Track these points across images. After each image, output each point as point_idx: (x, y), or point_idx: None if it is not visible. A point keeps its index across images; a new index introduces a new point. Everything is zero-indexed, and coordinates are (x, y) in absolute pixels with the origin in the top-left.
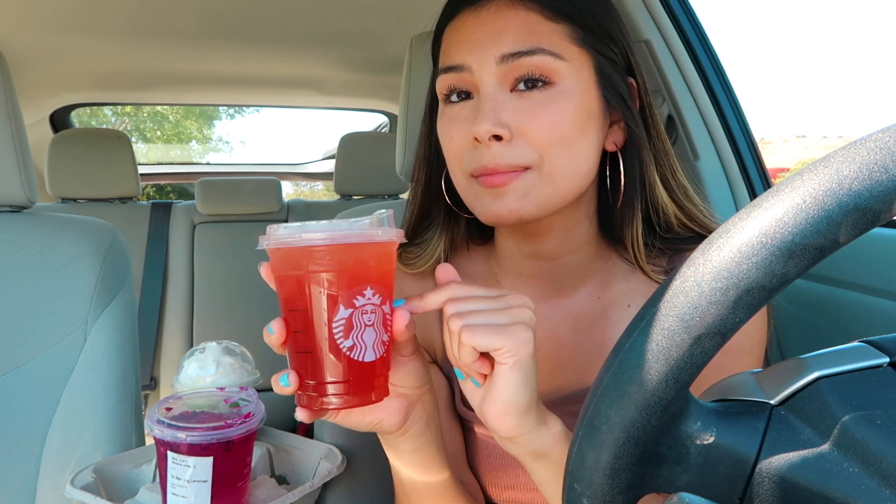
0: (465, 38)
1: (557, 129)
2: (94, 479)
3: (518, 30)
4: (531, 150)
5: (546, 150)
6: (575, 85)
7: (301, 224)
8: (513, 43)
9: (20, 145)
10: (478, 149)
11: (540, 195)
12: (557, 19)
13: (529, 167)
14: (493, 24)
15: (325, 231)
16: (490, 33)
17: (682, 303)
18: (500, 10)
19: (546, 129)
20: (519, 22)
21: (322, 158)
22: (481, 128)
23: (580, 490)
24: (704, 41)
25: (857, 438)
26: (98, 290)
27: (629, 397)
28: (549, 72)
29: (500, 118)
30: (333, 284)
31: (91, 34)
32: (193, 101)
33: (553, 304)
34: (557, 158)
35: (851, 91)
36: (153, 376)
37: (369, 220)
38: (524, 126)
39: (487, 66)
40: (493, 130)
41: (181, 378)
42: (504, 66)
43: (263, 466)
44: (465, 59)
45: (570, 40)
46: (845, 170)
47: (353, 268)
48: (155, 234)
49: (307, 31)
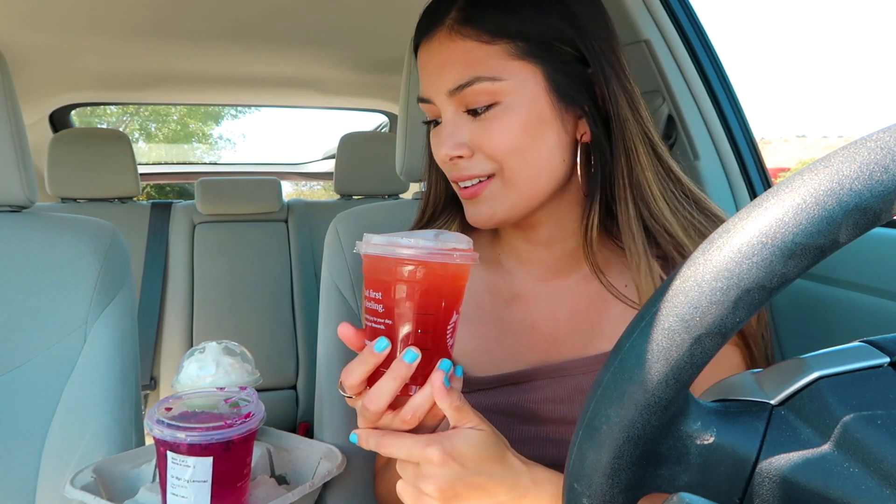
0: (423, 71)
1: (507, 141)
2: (93, 479)
3: (457, 62)
4: (489, 161)
5: (502, 160)
6: (521, 98)
7: (436, 235)
8: (454, 77)
9: (20, 145)
10: (447, 164)
11: (507, 200)
12: (495, 41)
13: (493, 175)
14: (438, 57)
15: (471, 248)
16: (436, 68)
17: (682, 303)
18: (442, 43)
19: (498, 143)
20: (458, 53)
21: (322, 158)
22: (441, 152)
23: (580, 490)
24: (704, 41)
25: (857, 438)
26: (98, 289)
27: (629, 397)
28: (492, 94)
29: (457, 140)
30: (459, 292)
31: (91, 34)
32: (194, 101)
33: (551, 285)
34: (516, 166)
35: (851, 91)
36: (153, 376)
37: None
38: (478, 143)
39: (440, 98)
40: (451, 153)
41: (181, 378)
42: (453, 97)
43: (263, 466)
44: (426, 93)
45: (510, 57)
46: (846, 169)
47: (464, 279)
48: (155, 234)
49: (307, 31)
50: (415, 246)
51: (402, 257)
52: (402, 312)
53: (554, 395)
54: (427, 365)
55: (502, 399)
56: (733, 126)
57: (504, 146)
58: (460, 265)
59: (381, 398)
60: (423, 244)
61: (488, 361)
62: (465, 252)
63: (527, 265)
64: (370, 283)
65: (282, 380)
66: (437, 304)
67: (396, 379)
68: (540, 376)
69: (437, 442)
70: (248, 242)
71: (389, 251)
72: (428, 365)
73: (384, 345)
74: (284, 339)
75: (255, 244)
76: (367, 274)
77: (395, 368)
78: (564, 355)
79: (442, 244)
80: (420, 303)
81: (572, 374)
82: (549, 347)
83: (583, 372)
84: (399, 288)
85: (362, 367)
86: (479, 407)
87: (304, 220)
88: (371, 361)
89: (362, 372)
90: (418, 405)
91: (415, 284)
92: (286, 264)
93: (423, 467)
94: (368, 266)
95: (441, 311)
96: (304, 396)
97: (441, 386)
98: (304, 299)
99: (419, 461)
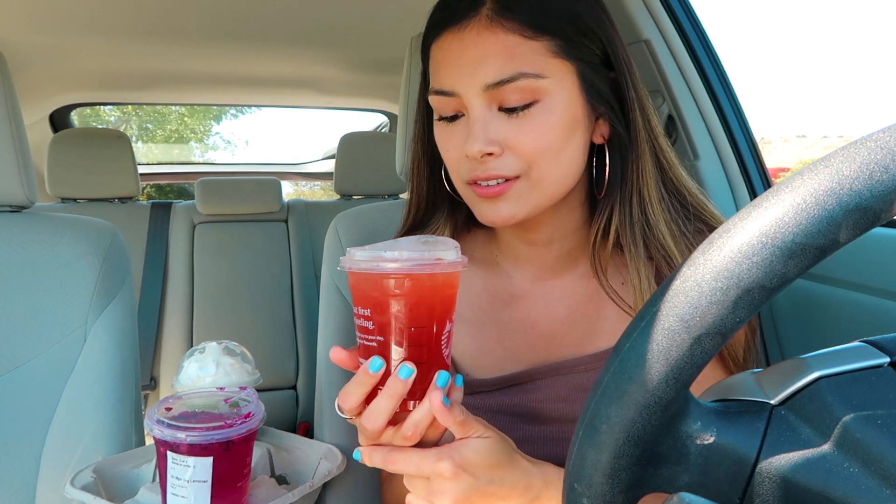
0: (451, 63)
1: (544, 141)
2: (94, 479)
3: (499, 56)
4: (520, 161)
5: (534, 160)
6: (559, 97)
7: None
8: (495, 72)
9: (20, 145)
10: (471, 161)
11: (531, 200)
12: (537, 37)
13: (519, 176)
14: (475, 49)
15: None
16: (473, 60)
17: (682, 303)
18: (480, 32)
19: (534, 143)
20: (499, 46)
21: (322, 158)
22: (473, 148)
23: (580, 490)
24: (705, 41)
25: (857, 438)
26: (98, 289)
27: (629, 397)
28: (533, 92)
29: (490, 137)
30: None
31: (91, 34)
32: (194, 101)
33: (548, 284)
34: (546, 166)
35: (851, 91)
36: (153, 376)
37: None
38: (512, 142)
39: (474, 91)
40: (485, 150)
41: (181, 378)
42: (489, 92)
43: (263, 466)
44: (453, 86)
45: (550, 55)
46: (846, 169)
47: (454, 286)
48: (155, 234)
49: (307, 31)
50: (399, 259)
51: (387, 272)
52: (394, 328)
53: (555, 395)
54: (425, 378)
55: (505, 400)
56: (733, 126)
57: (540, 146)
58: (449, 273)
59: (380, 417)
60: (407, 255)
61: (490, 363)
62: (452, 260)
63: (525, 265)
64: (358, 301)
65: (282, 380)
66: (429, 316)
67: (393, 397)
68: (541, 376)
69: (447, 456)
70: (248, 242)
71: (374, 266)
72: (426, 378)
73: (379, 364)
74: (284, 339)
75: (255, 244)
76: (354, 291)
77: (390, 386)
78: (563, 354)
79: (428, 253)
80: (411, 316)
81: (572, 372)
82: (549, 347)
83: (583, 370)
84: (388, 303)
85: (359, 389)
86: (482, 408)
87: (304, 220)
88: (368, 383)
89: (360, 394)
90: (418, 420)
91: (403, 298)
92: (286, 264)
93: (434, 482)
94: (354, 283)
95: (433, 322)
96: (304, 396)
97: (441, 406)
98: (304, 299)
99: (430, 476)
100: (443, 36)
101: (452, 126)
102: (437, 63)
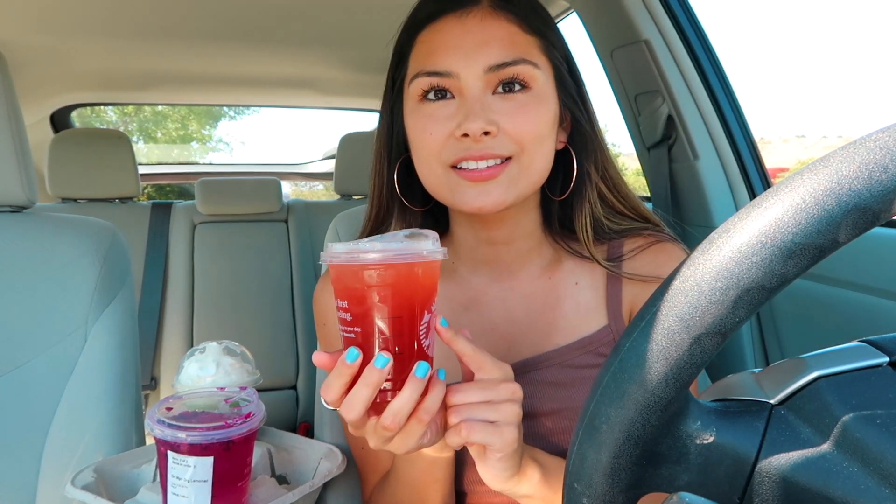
0: (451, 45)
1: (535, 126)
2: (94, 479)
3: (503, 41)
4: (513, 143)
5: (525, 144)
6: (546, 90)
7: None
8: (499, 54)
9: (20, 145)
10: (462, 142)
11: (520, 186)
12: (531, 33)
13: (511, 157)
14: (478, 33)
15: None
16: (476, 43)
17: (682, 303)
18: (484, 19)
19: (526, 127)
20: (503, 32)
21: (322, 158)
22: (475, 125)
23: (580, 490)
24: (704, 41)
25: (856, 438)
26: (98, 290)
27: (629, 397)
28: (529, 78)
29: (489, 116)
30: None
31: (91, 34)
32: (193, 101)
33: (506, 286)
34: (534, 152)
35: (851, 91)
36: (153, 376)
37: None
38: (507, 123)
39: (474, 72)
40: (485, 128)
41: (181, 378)
42: (490, 73)
43: (264, 466)
44: (452, 67)
45: (540, 51)
46: (845, 169)
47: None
48: (155, 234)
49: (307, 31)
50: (373, 249)
51: (365, 262)
52: (371, 318)
53: None
54: (404, 369)
55: None
56: (733, 126)
57: (531, 130)
58: (427, 263)
59: (357, 406)
60: (382, 246)
61: (453, 368)
62: (431, 250)
63: (482, 268)
64: (338, 293)
65: (282, 380)
66: (406, 306)
67: (369, 385)
68: None
69: (506, 374)
70: (248, 242)
71: (353, 258)
72: (405, 369)
73: (355, 355)
74: (284, 339)
75: (256, 244)
76: (336, 284)
77: (367, 375)
78: (524, 353)
79: (406, 244)
80: (388, 306)
81: (534, 370)
82: (510, 347)
83: (543, 367)
84: (366, 294)
85: (338, 381)
86: None
87: (304, 221)
88: (346, 373)
89: (339, 385)
90: (398, 409)
91: (381, 288)
92: (286, 264)
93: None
94: (335, 276)
95: (411, 312)
96: (304, 396)
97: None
98: (304, 299)
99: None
100: (441, 20)
101: (439, 107)
102: (431, 46)
